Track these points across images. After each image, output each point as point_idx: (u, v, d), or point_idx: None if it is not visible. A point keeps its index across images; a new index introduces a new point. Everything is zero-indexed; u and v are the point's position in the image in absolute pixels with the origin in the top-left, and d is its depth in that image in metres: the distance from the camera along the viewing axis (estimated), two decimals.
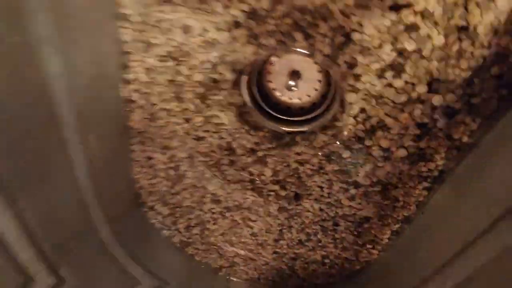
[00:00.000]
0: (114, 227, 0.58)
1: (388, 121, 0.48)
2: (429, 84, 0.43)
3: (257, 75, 0.54)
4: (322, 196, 0.60)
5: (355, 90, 0.47)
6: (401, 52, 0.42)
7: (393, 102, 0.46)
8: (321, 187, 0.60)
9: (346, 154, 0.54)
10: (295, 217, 0.66)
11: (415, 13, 0.39)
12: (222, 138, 0.55)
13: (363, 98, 0.46)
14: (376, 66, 0.44)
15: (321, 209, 0.63)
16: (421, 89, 0.44)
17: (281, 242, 0.72)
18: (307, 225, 0.67)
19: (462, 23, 0.38)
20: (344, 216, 0.63)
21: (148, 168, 0.61)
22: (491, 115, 0.43)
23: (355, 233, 0.64)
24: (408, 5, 0.39)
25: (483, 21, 0.37)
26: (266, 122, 0.57)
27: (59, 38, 0.33)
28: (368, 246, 0.65)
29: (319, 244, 0.70)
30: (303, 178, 0.59)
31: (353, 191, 0.57)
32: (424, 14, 0.39)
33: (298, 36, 0.42)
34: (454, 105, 0.43)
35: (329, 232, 0.68)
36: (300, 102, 0.57)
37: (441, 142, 0.47)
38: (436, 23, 0.39)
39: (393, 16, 0.40)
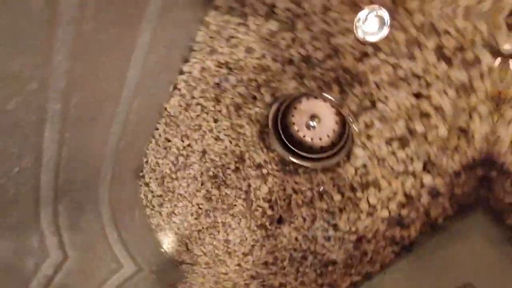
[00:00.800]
0: (112, 194, 0.66)
1: (382, 182, 0.58)
2: (425, 164, 0.53)
3: (285, 106, 0.64)
4: (302, 227, 0.68)
5: (364, 147, 0.56)
6: (411, 131, 0.52)
7: (391, 168, 0.56)
8: (304, 219, 0.68)
9: (337, 197, 0.63)
10: (270, 238, 0.74)
11: (431, 105, 0.49)
12: (238, 146, 0.64)
13: (368, 156, 0.56)
14: (387, 134, 0.53)
15: (296, 239, 0.71)
16: (418, 166, 0.53)
17: (249, 257, 0.79)
18: (278, 249, 0.75)
19: (464, 126, 0.48)
20: (314, 253, 0.71)
21: (162, 148, 0.69)
22: (466, 208, 0.53)
23: (318, 271, 0.72)
24: (428, 97, 0.49)
25: (480, 131, 0.47)
26: (278, 147, 0.66)
27: None
28: None
29: (282, 271, 0.77)
30: (292, 205, 0.67)
31: (331, 232, 0.66)
32: (438, 108, 0.49)
33: (335, 88, 0.52)
34: (440, 189, 0.53)
35: (295, 263, 0.75)
36: (311, 141, 0.67)
37: (419, 216, 0.56)
38: (444, 118, 0.49)
39: (414, 100, 0.50)
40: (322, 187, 0.62)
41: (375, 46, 0.48)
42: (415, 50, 0.47)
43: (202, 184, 0.73)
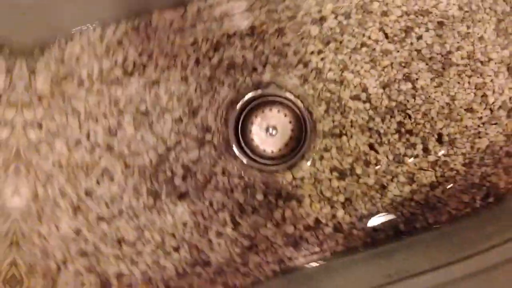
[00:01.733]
0: None
1: (306, 201, 0.67)
2: (346, 200, 0.67)
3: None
4: (201, 213, 0.65)
5: (312, 165, 0.66)
6: (352, 170, 0.67)
7: (321, 191, 0.67)
8: (211, 205, 0.66)
9: (259, 197, 0.67)
10: (152, 211, 0.66)
11: (375, 158, 0.67)
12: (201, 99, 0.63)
13: (310, 172, 0.66)
14: (335, 163, 0.67)
15: (184, 225, 0.66)
16: (340, 198, 0.67)
17: (103, 224, 0.65)
18: (151, 228, 0.66)
19: (385, 184, 0.67)
20: (189, 244, 0.66)
21: None
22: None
23: (187, 270, 0.66)
24: (376, 151, 0.67)
25: (394, 192, 0.67)
26: (232, 130, 0.68)
27: None
28: None
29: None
30: (209, 186, 0.65)
31: (228, 230, 0.66)
32: (376, 163, 0.68)
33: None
34: (343, 225, 0.66)
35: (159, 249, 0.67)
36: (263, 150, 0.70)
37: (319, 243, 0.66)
38: (375, 172, 0.67)
39: (367, 149, 0.67)
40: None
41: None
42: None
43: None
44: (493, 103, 0.66)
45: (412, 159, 0.65)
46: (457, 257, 0.54)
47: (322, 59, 0.65)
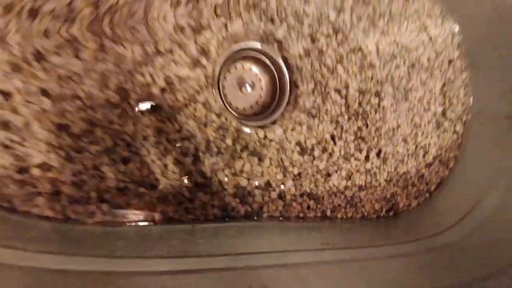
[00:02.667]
0: None
1: (266, 161, 0.71)
2: (298, 174, 0.74)
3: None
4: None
5: (284, 131, 0.72)
6: (311, 149, 0.75)
7: (281, 159, 0.73)
8: (181, 129, 0.64)
9: (228, 142, 0.68)
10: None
11: (331, 148, 0.77)
12: None
13: (280, 139, 0.71)
14: (301, 138, 0.74)
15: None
16: (294, 171, 0.74)
17: None
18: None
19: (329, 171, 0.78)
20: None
21: None
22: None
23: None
24: (326, 142, 0.77)
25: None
26: None
27: None
28: None
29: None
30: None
31: (190, 164, 0.65)
32: (330, 154, 0.77)
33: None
34: (287, 195, 0.73)
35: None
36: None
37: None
38: (329, 160, 0.77)
39: (328, 137, 0.77)
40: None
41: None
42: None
43: None
44: (419, 142, 0.84)
45: (355, 161, 0.77)
46: (357, 245, 0.67)
47: (327, 44, 0.72)
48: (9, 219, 0.49)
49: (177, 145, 0.61)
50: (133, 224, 0.59)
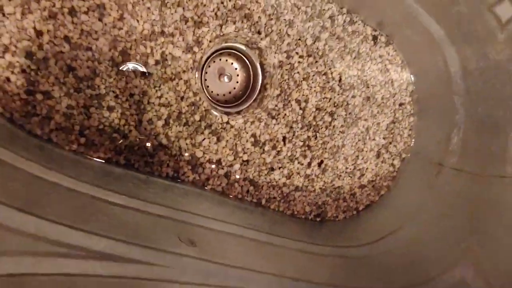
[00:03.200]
0: None
1: (223, 142, 0.87)
2: (242, 163, 0.91)
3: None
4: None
5: (245, 122, 0.88)
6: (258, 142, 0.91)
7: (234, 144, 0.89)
8: (161, 97, 0.80)
9: (197, 117, 0.84)
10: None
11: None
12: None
13: (240, 126, 0.88)
14: (256, 131, 0.90)
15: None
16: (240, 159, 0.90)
17: None
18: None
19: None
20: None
21: None
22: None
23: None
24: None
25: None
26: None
27: None
28: None
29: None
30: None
31: (160, 127, 0.80)
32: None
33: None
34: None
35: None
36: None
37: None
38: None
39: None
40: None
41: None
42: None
43: None
44: (358, 164, 1.01)
45: (298, 164, 0.93)
46: (277, 234, 0.83)
47: (299, 62, 0.89)
48: (5, 126, 0.64)
49: (154, 108, 0.76)
50: (100, 160, 0.74)
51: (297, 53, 0.87)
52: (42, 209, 0.52)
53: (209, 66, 0.83)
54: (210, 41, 0.79)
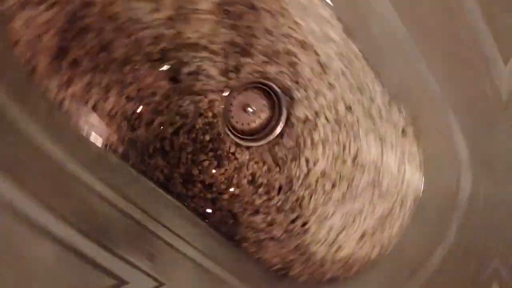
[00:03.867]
0: None
1: (224, 168, 0.88)
2: (230, 196, 0.91)
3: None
4: None
5: (251, 155, 0.89)
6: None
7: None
8: (181, 105, 0.80)
9: (207, 137, 0.85)
10: None
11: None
12: None
13: (244, 160, 0.88)
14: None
15: None
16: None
17: None
18: None
19: None
20: None
21: None
22: None
23: None
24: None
25: None
26: None
27: None
28: None
29: None
30: None
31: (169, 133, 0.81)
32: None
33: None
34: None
35: None
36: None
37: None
38: None
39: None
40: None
41: None
42: None
43: None
44: (339, 239, 1.01)
45: (284, 216, 0.93)
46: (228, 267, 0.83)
47: (323, 125, 0.89)
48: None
49: (170, 114, 0.77)
50: (97, 143, 0.75)
51: (325, 116, 0.87)
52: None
53: (239, 94, 0.84)
54: (248, 73, 0.80)
